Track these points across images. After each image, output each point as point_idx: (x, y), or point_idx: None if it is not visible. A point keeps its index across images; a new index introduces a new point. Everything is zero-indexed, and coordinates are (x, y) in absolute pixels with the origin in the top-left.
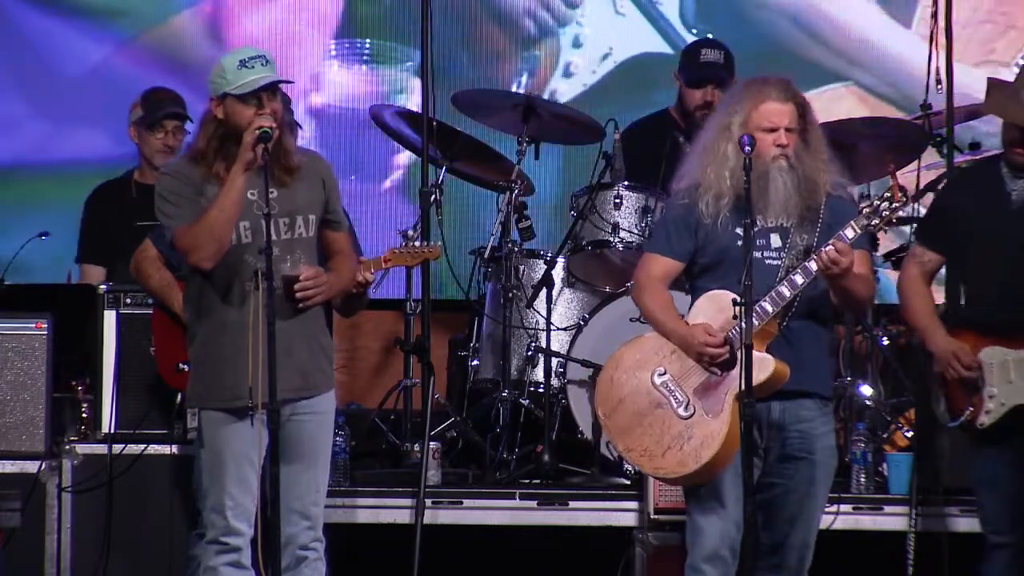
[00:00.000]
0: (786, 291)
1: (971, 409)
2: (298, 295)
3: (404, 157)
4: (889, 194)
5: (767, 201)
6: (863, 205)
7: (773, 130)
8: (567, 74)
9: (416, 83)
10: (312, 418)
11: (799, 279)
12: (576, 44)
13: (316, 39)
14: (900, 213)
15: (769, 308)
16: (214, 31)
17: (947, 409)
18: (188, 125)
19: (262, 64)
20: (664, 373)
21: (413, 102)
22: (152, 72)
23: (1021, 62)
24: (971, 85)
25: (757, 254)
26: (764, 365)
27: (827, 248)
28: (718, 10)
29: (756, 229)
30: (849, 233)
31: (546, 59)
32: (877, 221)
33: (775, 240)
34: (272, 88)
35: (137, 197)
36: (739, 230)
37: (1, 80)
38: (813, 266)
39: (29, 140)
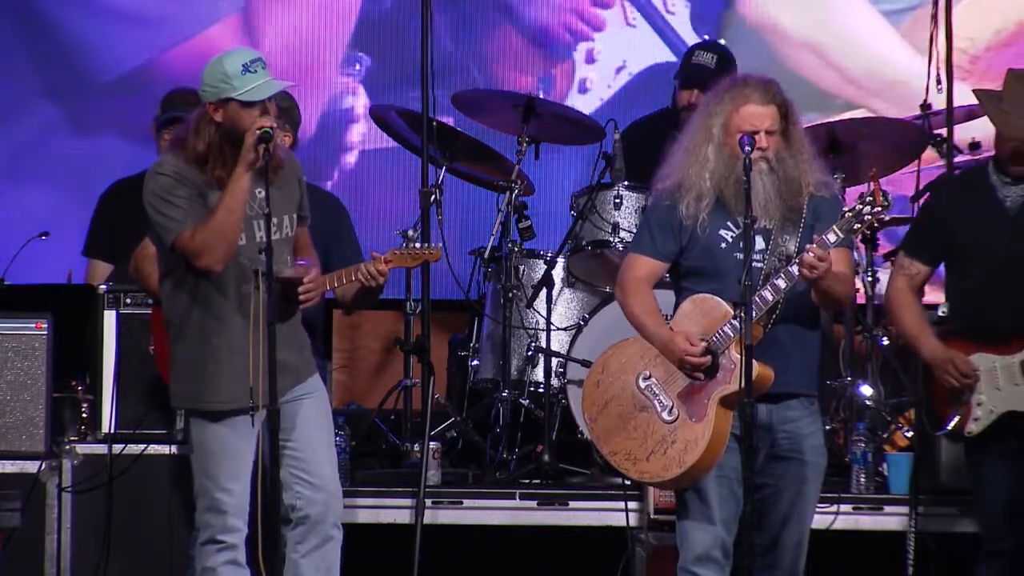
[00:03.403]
0: (768, 295)
1: (958, 417)
2: (302, 297)
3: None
4: (871, 198)
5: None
6: (846, 210)
7: (753, 132)
8: (583, 90)
9: (362, 89)
10: (311, 399)
11: (781, 283)
12: (589, 60)
13: (340, 41)
14: (883, 217)
15: (752, 312)
16: (250, 39)
17: (930, 419)
18: None
19: (263, 67)
20: (649, 377)
21: (360, 104)
22: (188, 81)
23: None
24: None
25: (741, 255)
26: None
27: (806, 254)
28: (737, 37)
29: (739, 231)
30: (831, 237)
31: (561, 77)
32: (859, 225)
33: (759, 242)
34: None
35: None
36: (722, 232)
37: (35, 85)
38: (795, 270)
39: (58, 145)
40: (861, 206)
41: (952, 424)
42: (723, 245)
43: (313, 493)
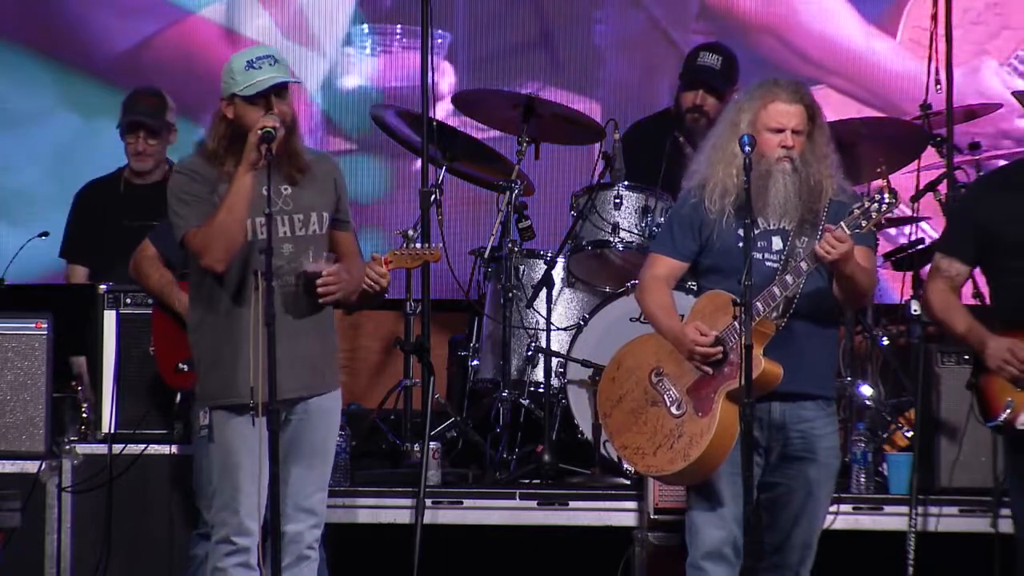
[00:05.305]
0: (777, 290)
1: (1010, 410)
2: (320, 290)
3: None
4: (879, 195)
5: (766, 201)
6: (854, 206)
7: (780, 131)
8: None
9: (448, 66)
10: (322, 416)
11: (789, 278)
12: None
13: (330, 29)
14: (891, 214)
15: (760, 307)
16: (231, 27)
17: (982, 410)
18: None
19: (270, 64)
20: (661, 372)
21: (445, 83)
22: (174, 67)
23: (1015, 62)
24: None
25: (758, 255)
26: (754, 364)
27: (824, 237)
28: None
29: (758, 231)
30: (838, 233)
31: None
32: (866, 222)
33: (776, 243)
34: (281, 88)
35: (125, 195)
36: (741, 231)
37: (34, 70)
38: (804, 266)
39: (58, 132)
40: (869, 202)
41: (1004, 416)
42: (741, 244)
43: (293, 512)
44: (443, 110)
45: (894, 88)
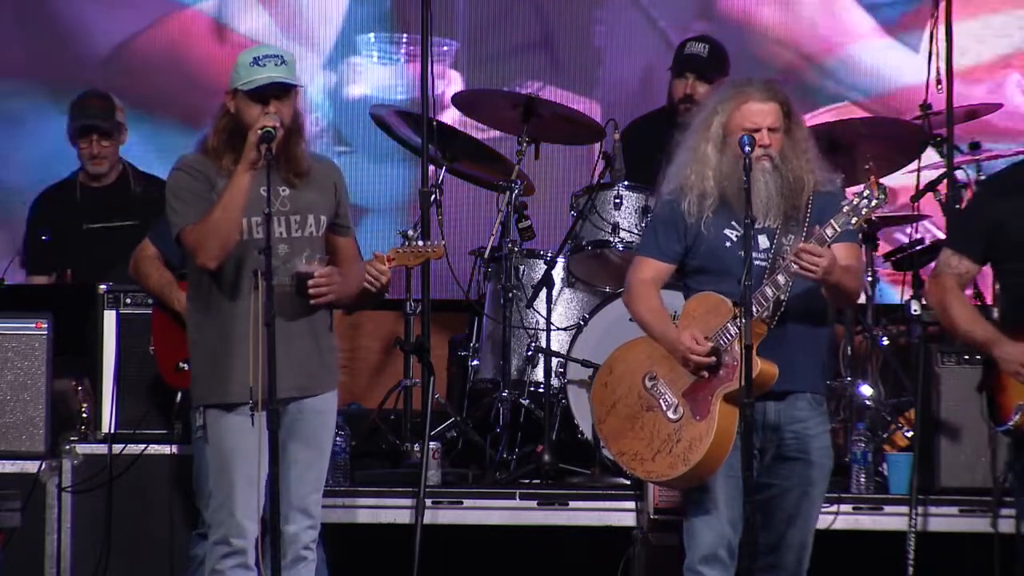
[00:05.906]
0: (769, 290)
1: (1019, 415)
2: (311, 291)
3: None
4: (868, 192)
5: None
6: (843, 203)
7: (755, 130)
8: None
9: (455, 75)
10: (316, 417)
11: (781, 279)
12: None
13: (327, 30)
14: (881, 210)
15: (754, 308)
16: (223, 23)
17: (992, 413)
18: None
19: (275, 64)
20: (655, 377)
21: (452, 91)
22: (161, 63)
23: None
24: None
25: None
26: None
27: (800, 250)
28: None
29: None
30: (829, 232)
31: None
32: (856, 219)
33: (763, 241)
34: (282, 90)
35: (83, 200)
36: (727, 231)
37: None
38: (794, 266)
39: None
40: (858, 199)
41: (1015, 420)
42: (727, 244)
43: (289, 513)
44: (450, 119)
45: (913, 103)
